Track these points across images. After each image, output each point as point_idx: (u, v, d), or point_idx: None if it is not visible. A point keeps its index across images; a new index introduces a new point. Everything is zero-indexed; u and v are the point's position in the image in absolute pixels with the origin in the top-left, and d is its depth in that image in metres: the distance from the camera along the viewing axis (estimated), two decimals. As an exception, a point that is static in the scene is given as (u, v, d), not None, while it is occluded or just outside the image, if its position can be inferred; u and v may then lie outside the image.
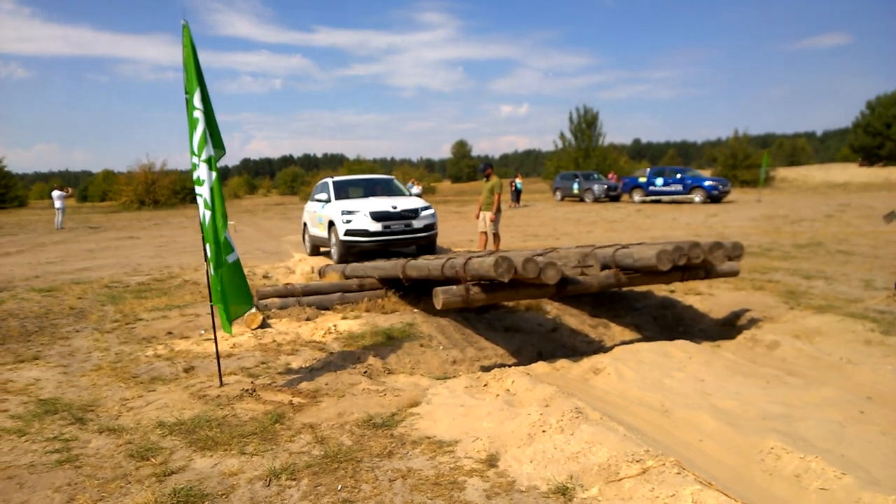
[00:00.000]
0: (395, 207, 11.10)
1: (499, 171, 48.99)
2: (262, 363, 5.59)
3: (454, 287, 5.60)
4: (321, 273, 9.60)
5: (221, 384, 4.99)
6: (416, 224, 11.15)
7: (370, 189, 13.10)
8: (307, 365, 5.52)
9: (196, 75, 4.49)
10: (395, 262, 7.59)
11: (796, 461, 3.39)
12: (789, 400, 4.28)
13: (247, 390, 4.84)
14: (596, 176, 34.66)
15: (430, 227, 11.34)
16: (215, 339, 5.15)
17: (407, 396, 4.63)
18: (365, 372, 5.35)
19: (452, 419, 4.17)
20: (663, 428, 3.95)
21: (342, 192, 12.56)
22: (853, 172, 47.04)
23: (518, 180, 32.21)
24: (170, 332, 6.83)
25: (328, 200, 12.01)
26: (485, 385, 4.76)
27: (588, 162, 44.31)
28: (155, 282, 10.33)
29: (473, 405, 4.36)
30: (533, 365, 5.65)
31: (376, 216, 10.90)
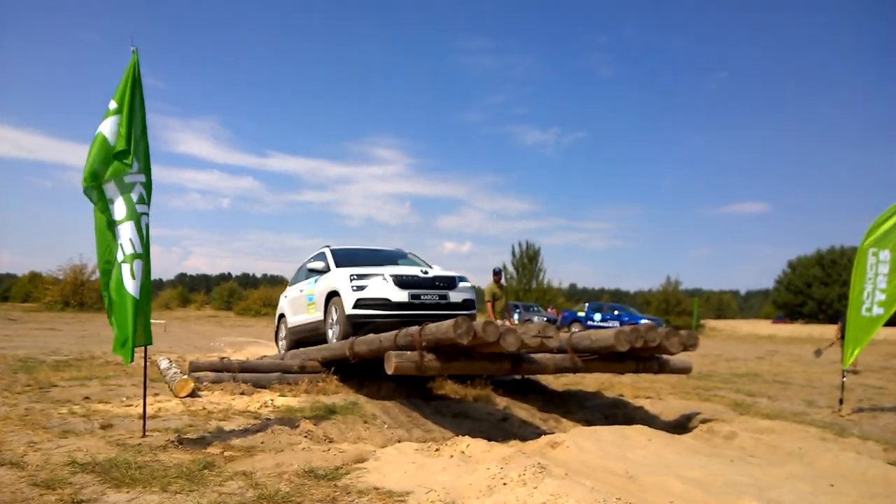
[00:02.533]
0: (425, 273, 7.80)
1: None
2: (191, 425, 5.05)
3: (408, 352, 5.36)
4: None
5: (145, 435, 4.45)
6: (454, 297, 7.71)
7: (383, 262, 9.16)
8: (241, 428, 5.02)
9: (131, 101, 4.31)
10: (342, 342, 7.23)
11: (773, 518, 3.18)
12: (756, 474, 4.11)
13: (172, 441, 4.32)
14: (536, 308, 35.30)
15: (470, 303, 8.05)
16: (145, 389, 4.66)
17: (353, 454, 4.22)
18: (305, 436, 4.89)
19: (404, 473, 3.79)
20: (631, 491, 3.69)
21: (346, 261, 8.67)
22: (777, 327, 49.51)
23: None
24: (87, 398, 6.17)
25: (325, 270, 8.47)
26: (436, 450, 4.41)
27: (529, 295, 45.20)
28: (75, 360, 9.51)
29: (426, 462, 4.00)
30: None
31: (401, 282, 7.51)
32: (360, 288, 7.45)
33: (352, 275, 7.60)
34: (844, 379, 8.13)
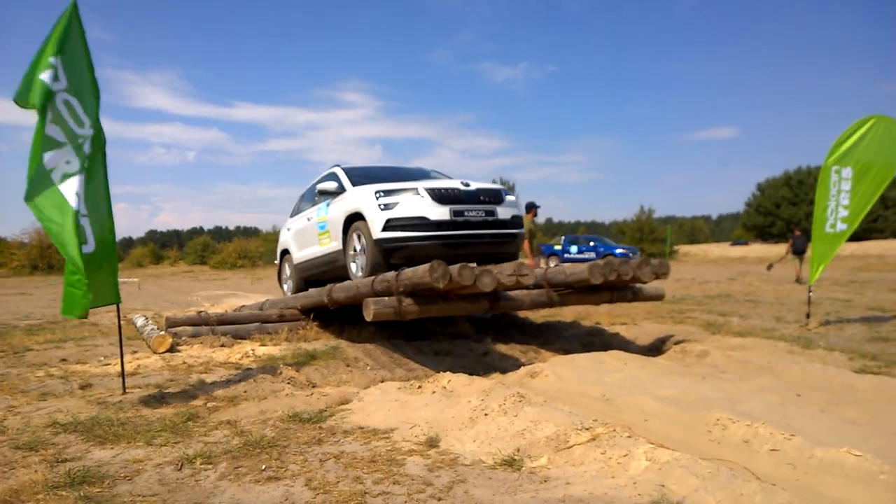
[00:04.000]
0: (466, 185, 6.38)
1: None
2: (172, 380, 5.05)
3: (386, 298, 5.37)
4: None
5: (125, 392, 4.44)
6: (502, 213, 6.40)
7: (407, 179, 7.29)
8: (223, 379, 5.04)
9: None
10: (319, 289, 7.19)
11: (744, 429, 3.32)
12: (728, 389, 4.27)
13: (154, 396, 4.32)
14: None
15: (519, 220, 6.75)
16: (121, 346, 4.62)
17: (336, 397, 4.28)
18: (288, 382, 4.93)
19: (387, 411, 3.86)
20: (607, 413, 3.81)
21: (364, 180, 7.09)
22: (747, 249, 50.67)
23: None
24: (64, 359, 6.12)
25: (340, 191, 7.02)
26: (419, 387, 4.48)
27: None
28: (49, 324, 9.38)
29: (409, 399, 4.07)
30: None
31: (440, 196, 6.13)
32: (390, 206, 6.12)
33: (378, 191, 6.25)
34: (811, 294, 8.40)
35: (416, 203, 6.11)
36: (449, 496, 2.62)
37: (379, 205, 6.20)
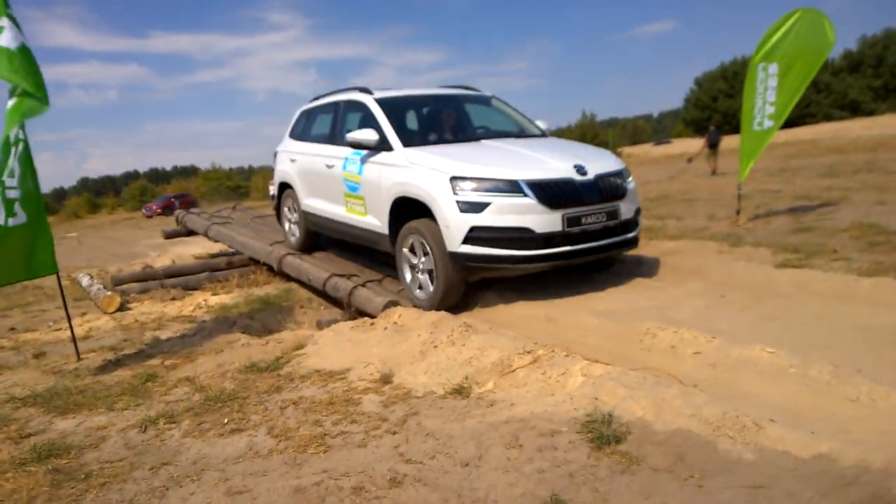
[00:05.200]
0: (581, 170, 4.57)
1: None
2: (126, 340, 5.08)
3: (339, 318, 5.42)
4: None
5: (80, 358, 4.47)
6: (625, 212, 4.80)
7: (458, 122, 5.88)
8: (177, 335, 5.10)
9: None
10: (269, 249, 7.05)
11: (671, 335, 3.61)
12: (660, 297, 4.58)
13: (110, 361, 4.37)
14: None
15: (639, 213, 5.16)
16: (68, 316, 4.60)
17: (291, 342, 4.41)
18: (243, 331, 5.03)
19: (342, 352, 4.02)
20: (550, 332, 4.06)
21: (414, 131, 5.60)
22: (688, 144, 51.85)
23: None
24: (13, 328, 6.04)
25: (380, 146, 5.10)
26: (371, 324, 4.64)
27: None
28: (-13, 290, 9.10)
29: (362, 339, 4.24)
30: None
31: (550, 194, 4.40)
32: (476, 206, 4.31)
33: (456, 177, 4.40)
34: (740, 191, 8.80)
35: (517, 205, 4.30)
36: (403, 429, 2.82)
37: (458, 201, 4.35)
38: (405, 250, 4.94)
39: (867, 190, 10.76)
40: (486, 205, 4.35)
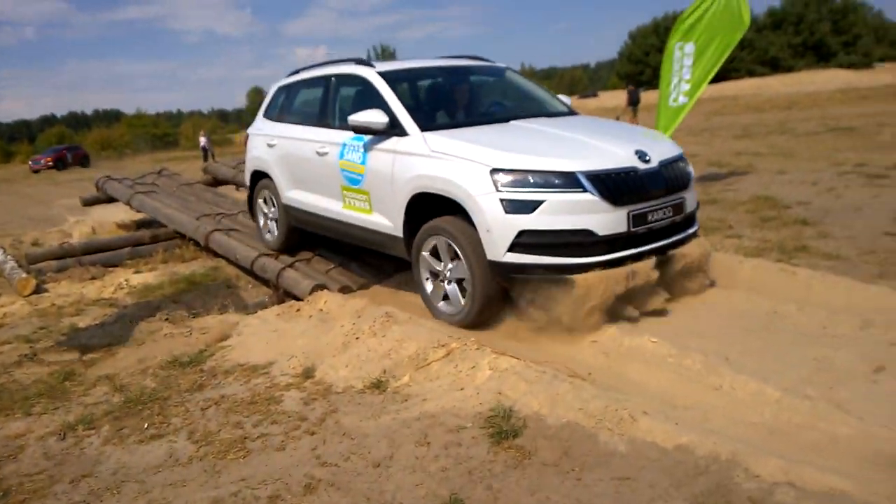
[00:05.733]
0: (643, 157, 3.80)
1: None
2: (42, 328, 5.01)
3: (267, 299, 5.48)
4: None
5: (-7, 353, 4.41)
6: (689, 203, 4.11)
7: (474, 99, 5.15)
8: (97, 322, 5.06)
9: None
10: (195, 224, 6.91)
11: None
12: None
13: (25, 355, 4.33)
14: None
15: (695, 212, 4.33)
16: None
17: (215, 332, 4.48)
18: (166, 318, 5.04)
19: (266, 344, 4.14)
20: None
21: (436, 116, 4.79)
22: (621, 97, 52.73)
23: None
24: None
25: (389, 129, 4.29)
26: (297, 310, 4.76)
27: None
28: None
29: (287, 328, 4.36)
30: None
31: (613, 188, 3.62)
32: (526, 206, 3.56)
33: (499, 169, 3.64)
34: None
35: (575, 203, 3.56)
36: (321, 429, 3.00)
37: (502, 200, 3.59)
38: (425, 254, 4.13)
39: (774, 156, 11.46)
40: (538, 203, 3.52)
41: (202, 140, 30.95)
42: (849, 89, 33.19)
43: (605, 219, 3.57)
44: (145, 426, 3.13)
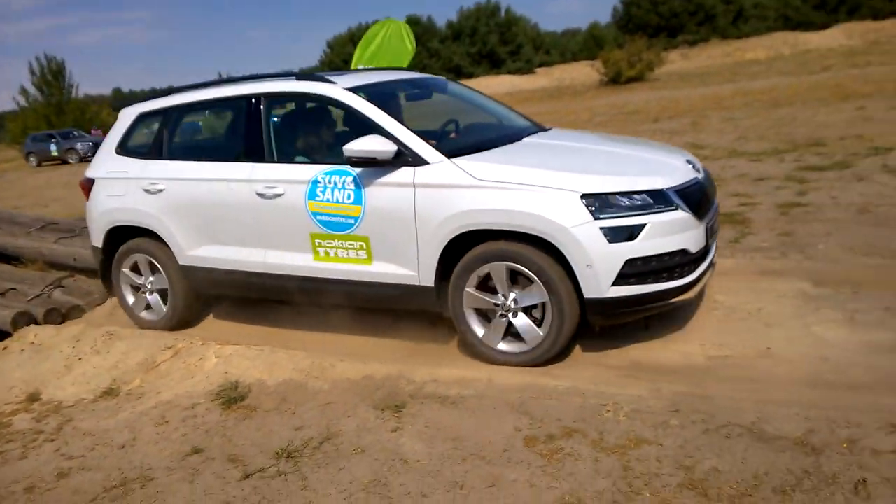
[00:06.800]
0: (695, 166, 3.76)
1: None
2: None
3: None
4: None
5: None
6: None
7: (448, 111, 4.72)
8: None
9: None
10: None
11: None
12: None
13: None
14: (76, 133, 31.45)
15: None
16: None
17: None
18: None
19: (-23, 384, 4.10)
20: (187, 331, 4.79)
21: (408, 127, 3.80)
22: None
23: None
24: None
25: (401, 158, 3.58)
26: (4, 348, 4.68)
27: (64, 118, 39.00)
28: None
29: (-2, 365, 4.34)
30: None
31: (696, 199, 3.46)
32: (628, 233, 3.21)
33: (591, 195, 3.23)
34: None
35: (673, 222, 3.30)
36: (60, 435, 3.32)
37: (602, 228, 3.19)
38: (471, 290, 3.51)
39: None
40: (641, 227, 3.20)
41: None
42: (515, 92, 39.54)
43: (695, 235, 3.37)
44: None
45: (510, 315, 3.47)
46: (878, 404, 2.71)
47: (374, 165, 3.58)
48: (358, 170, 3.66)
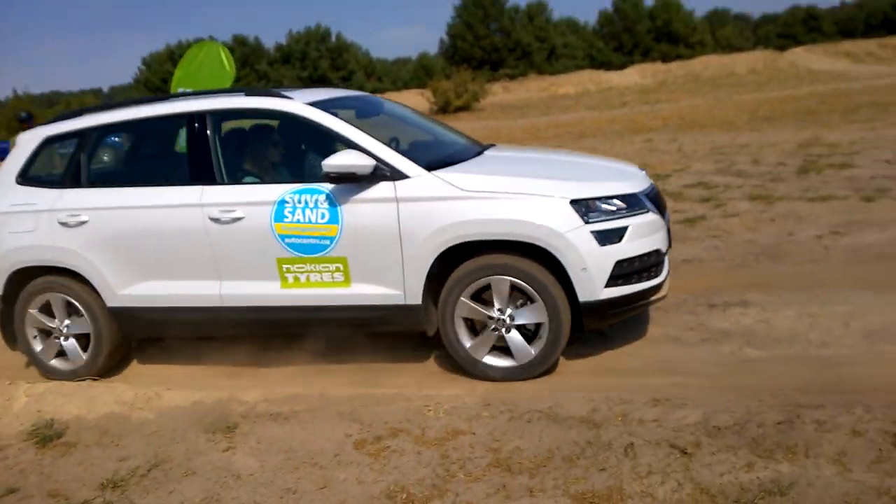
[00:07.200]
0: (646, 174, 4.10)
1: None
2: None
3: None
4: None
5: None
6: None
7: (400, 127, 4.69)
8: None
9: None
10: None
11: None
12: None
13: None
14: None
15: None
16: None
17: None
18: None
19: None
20: None
21: (435, 153, 3.96)
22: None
23: None
24: None
25: (379, 172, 3.47)
26: None
27: None
28: None
29: None
30: None
31: (660, 202, 3.79)
32: (616, 235, 3.37)
33: (579, 200, 3.35)
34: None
35: (648, 224, 3.51)
36: None
37: (593, 232, 3.31)
38: (466, 300, 3.46)
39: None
40: (624, 230, 3.37)
41: None
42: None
43: (662, 236, 3.60)
44: None
45: (503, 330, 3.45)
46: (646, 384, 3.31)
47: (352, 181, 3.44)
48: (331, 187, 3.49)
